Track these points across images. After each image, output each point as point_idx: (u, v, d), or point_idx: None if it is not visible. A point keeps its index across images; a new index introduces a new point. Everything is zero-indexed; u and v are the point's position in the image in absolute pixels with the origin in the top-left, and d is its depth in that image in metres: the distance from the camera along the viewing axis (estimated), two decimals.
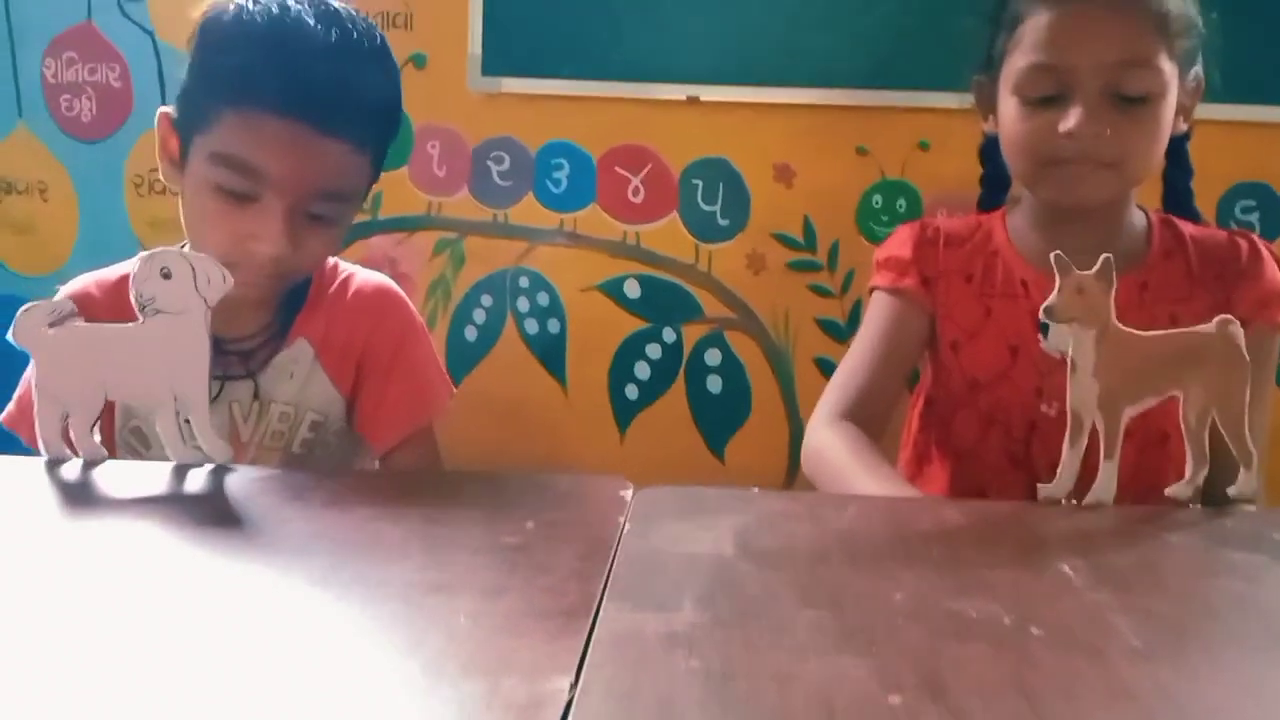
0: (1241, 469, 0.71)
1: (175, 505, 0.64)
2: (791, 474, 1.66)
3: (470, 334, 1.69)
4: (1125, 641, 0.46)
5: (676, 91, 1.61)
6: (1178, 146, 1.07)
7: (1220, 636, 0.49)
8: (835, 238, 1.62)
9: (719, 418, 1.68)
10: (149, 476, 0.69)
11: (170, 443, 0.71)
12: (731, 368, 1.67)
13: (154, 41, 1.69)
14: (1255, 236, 1.05)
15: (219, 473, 0.70)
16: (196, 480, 0.68)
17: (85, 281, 1.01)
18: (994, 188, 1.12)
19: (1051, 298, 0.69)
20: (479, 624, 0.45)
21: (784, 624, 0.46)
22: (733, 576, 0.52)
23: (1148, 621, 0.48)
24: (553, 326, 1.69)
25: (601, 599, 0.48)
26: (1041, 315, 0.69)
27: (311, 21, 0.88)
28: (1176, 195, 1.09)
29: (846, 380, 1.05)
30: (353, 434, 1.03)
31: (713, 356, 1.67)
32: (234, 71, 0.87)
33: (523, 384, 1.69)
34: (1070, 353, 0.69)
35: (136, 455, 0.96)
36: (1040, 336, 1.03)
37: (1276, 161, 1.54)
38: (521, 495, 0.68)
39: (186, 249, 1.00)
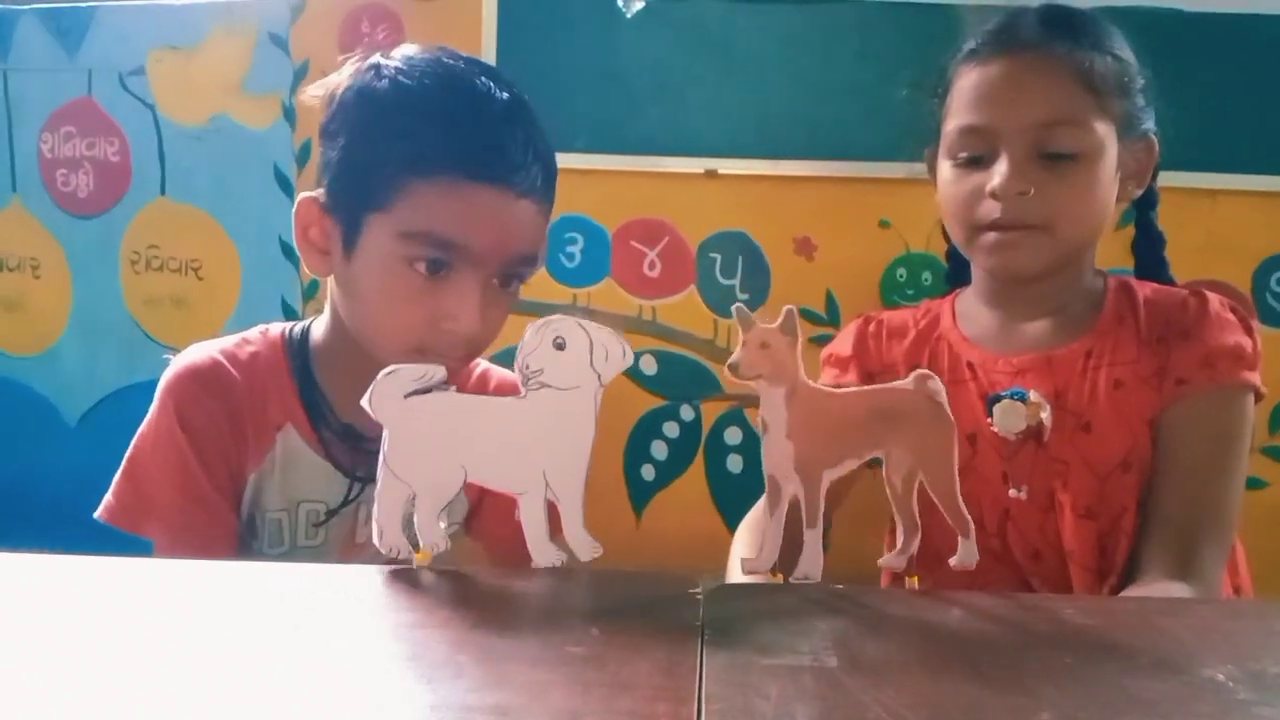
0: (960, 538, 0.64)
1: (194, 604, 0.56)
2: None
3: None
4: None
5: (693, 165, 1.57)
6: (1143, 216, 1.04)
7: None
8: (859, 312, 1.56)
9: (741, 499, 1.59)
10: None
11: (533, 535, 0.62)
12: (753, 446, 1.59)
13: (154, 115, 1.65)
14: (1209, 294, 0.98)
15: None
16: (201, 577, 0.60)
17: (207, 351, 0.92)
18: (958, 263, 1.08)
19: (735, 354, 0.63)
20: None
21: None
22: (846, 696, 0.44)
23: None
24: None
25: None
26: (726, 371, 0.63)
27: (483, 81, 0.85)
28: (1148, 266, 1.05)
29: None
30: (459, 538, 0.96)
31: (733, 435, 1.60)
32: (415, 141, 0.82)
33: None
34: (761, 414, 0.64)
35: (244, 545, 0.91)
36: (989, 419, 0.97)
37: None
38: (576, 595, 0.60)
39: (323, 325, 0.93)
